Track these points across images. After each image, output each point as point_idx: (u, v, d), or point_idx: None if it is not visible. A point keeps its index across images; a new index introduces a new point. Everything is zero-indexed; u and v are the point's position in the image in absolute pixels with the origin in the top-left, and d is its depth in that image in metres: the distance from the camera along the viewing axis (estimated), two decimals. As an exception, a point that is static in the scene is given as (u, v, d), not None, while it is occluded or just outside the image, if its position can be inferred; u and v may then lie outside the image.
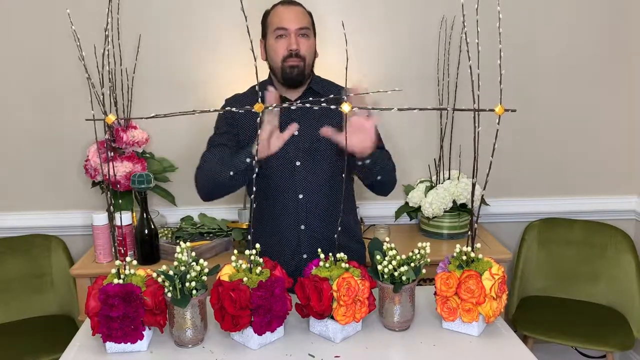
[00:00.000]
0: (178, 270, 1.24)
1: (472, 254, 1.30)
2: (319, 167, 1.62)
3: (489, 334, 1.32)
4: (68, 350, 1.28)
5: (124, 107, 2.18)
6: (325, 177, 1.62)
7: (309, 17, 1.62)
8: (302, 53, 1.56)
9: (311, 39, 1.60)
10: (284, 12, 1.58)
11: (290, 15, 1.56)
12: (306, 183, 1.62)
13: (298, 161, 1.61)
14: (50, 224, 2.33)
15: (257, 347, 1.26)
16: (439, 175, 2.28)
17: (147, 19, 2.20)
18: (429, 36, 2.26)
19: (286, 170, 1.61)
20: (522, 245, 2.42)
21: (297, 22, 1.56)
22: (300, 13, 1.59)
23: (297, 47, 1.55)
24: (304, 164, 1.61)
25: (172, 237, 2.17)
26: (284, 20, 1.56)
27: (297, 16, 1.57)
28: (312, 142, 1.61)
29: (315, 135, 1.59)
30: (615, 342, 2.06)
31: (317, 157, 1.61)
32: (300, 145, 1.61)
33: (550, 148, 2.43)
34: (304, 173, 1.61)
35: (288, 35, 1.55)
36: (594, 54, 2.34)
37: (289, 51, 1.55)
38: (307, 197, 1.62)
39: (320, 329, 1.32)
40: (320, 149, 1.61)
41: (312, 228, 1.63)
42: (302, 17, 1.58)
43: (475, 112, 1.16)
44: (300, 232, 1.64)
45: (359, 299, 1.28)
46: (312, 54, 1.61)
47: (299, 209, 1.63)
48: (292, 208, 1.63)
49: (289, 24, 1.55)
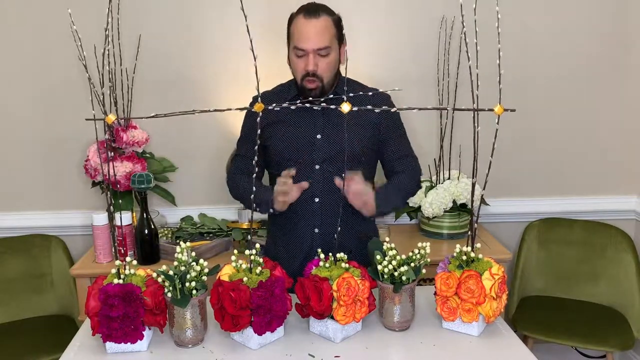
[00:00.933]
0: (178, 270, 1.24)
1: (472, 254, 1.30)
2: (337, 172, 1.59)
3: (489, 334, 1.32)
4: (68, 350, 1.28)
5: (124, 107, 2.18)
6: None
7: (333, 29, 1.53)
8: (319, 73, 1.53)
9: (332, 56, 1.54)
10: (304, 28, 1.50)
11: (309, 34, 1.50)
12: (323, 187, 1.61)
13: (317, 165, 1.61)
14: (50, 224, 2.33)
15: (257, 347, 1.26)
16: (439, 175, 2.28)
17: (147, 19, 2.20)
18: (429, 36, 2.26)
19: (305, 173, 1.60)
20: (522, 245, 2.42)
21: (316, 42, 1.50)
22: (321, 29, 1.50)
23: (314, 69, 1.52)
24: (322, 168, 1.61)
25: (172, 237, 2.17)
26: (303, 39, 1.50)
27: (316, 35, 1.50)
28: (332, 148, 1.60)
29: (335, 141, 1.59)
30: (615, 342, 2.06)
31: (336, 162, 1.60)
32: (322, 149, 1.60)
33: (550, 148, 2.43)
34: (322, 177, 1.61)
35: (306, 54, 1.52)
36: (594, 53, 2.34)
37: (306, 71, 1.53)
38: (323, 201, 1.62)
39: (321, 329, 1.32)
40: (340, 155, 1.59)
41: (326, 232, 1.63)
42: (322, 35, 1.50)
43: (475, 112, 1.17)
44: (314, 236, 1.64)
45: (359, 299, 1.28)
46: (332, 70, 1.56)
47: (314, 212, 1.63)
48: (308, 211, 1.63)
49: (307, 44, 1.50)
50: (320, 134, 1.60)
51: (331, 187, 1.60)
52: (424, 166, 2.35)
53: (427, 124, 2.36)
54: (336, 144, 1.60)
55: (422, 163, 2.35)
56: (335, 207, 1.61)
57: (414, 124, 2.34)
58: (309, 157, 1.61)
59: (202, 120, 2.22)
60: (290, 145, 1.62)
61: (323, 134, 1.60)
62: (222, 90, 2.26)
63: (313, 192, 1.61)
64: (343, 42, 1.60)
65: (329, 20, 1.53)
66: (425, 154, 2.35)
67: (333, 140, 1.60)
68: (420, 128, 2.35)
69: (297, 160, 1.60)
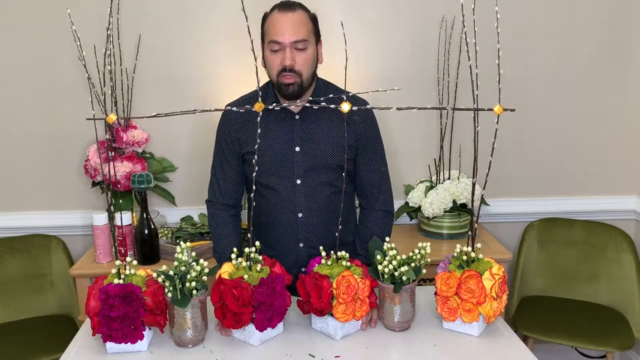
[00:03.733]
0: (178, 270, 1.24)
1: (472, 254, 1.30)
2: (319, 187, 1.57)
3: (489, 334, 1.32)
4: (68, 350, 1.28)
5: (124, 107, 2.18)
6: (325, 196, 1.58)
7: (309, 24, 1.47)
8: (297, 68, 1.44)
9: (309, 51, 1.46)
10: (279, 21, 1.43)
11: (285, 26, 1.42)
12: (306, 202, 1.58)
13: (299, 179, 1.57)
14: (50, 224, 2.33)
15: (258, 343, 1.27)
16: (439, 175, 2.28)
17: (147, 19, 2.20)
18: (429, 36, 2.26)
19: (286, 188, 1.57)
20: (522, 245, 2.42)
21: (292, 34, 1.42)
22: (297, 22, 1.43)
23: (291, 63, 1.43)
24: (304, 183, 1.56)
25: (172, 237, 2.17)
26: (278, 32, 1.43)
27: (293, 27, 1.42)
28: (314, 161, 1.55)
29: (317, 154, 1.55)
30: (615, 342, 2.06)
31: (318, 176, 1.57)
32: (301, 162, 1.55)
33: (550, 148, 2.43)
34: (305, 192, 1.57)
35: (283, 49, 1.43)
36: (594, 53, 2.34)
37: (283, 66, 1.44)
38: (306, 216, 1.59)
39: (322, 326, 1.33)
40: (321, 168, 1.56)
41: (311, 246, 1.60)
42: (299, 28, 1.43)
43: (475, 111, 1.17)
44: (299, 250, 1.62)
45: (359, 297, 1.28)
46: (310, 66, 1.48)
47: (298, 227, 1.60)
48: (292, 226, 1.60)
49: (283, 37, 1.42)
50: (299, 147, 1.55)
51: (314, 202, 1.57)
52: (424, 166, 2.37)
53: (427, 124, 2.36)
54: (315, 156, 1.55)
55: (422, 163, 2.38)
56: (319, 222, 1.59)
57: (413, 124, 2.34)
58: (289, 171, 1.56)
59: (202, 120, 2.22)
60: (270, 159, 1.56)
61: (301, 147, 1.55)
62: (222, 90, 2.26)
63: (295, 207, 1.57)
64: (320, 41, 1.53)
65: (305, 15, 1.47)
66: (425, 154, 2.35)
67: (311, 152, 1.55)
68: (420, 128, 2.35)
69: (278, 174, 1.56)
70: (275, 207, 1.59)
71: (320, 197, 1.58)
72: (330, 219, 1.58)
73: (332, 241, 1.48)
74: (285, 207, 1.58)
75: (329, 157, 1.55)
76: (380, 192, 1.63)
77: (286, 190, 1.57)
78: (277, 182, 1.57)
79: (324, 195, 1.58)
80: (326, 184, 1.58)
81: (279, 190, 1.57)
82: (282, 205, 1.58)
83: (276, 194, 1.57)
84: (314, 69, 1.52)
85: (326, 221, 1.59)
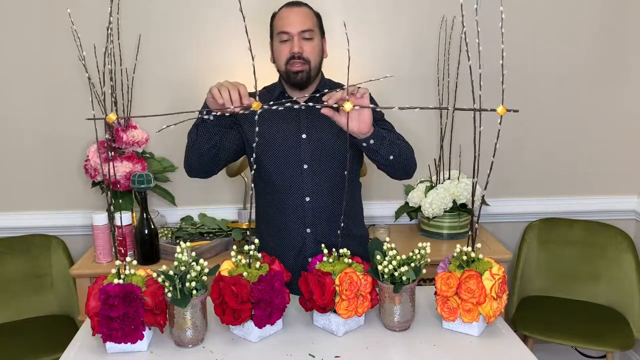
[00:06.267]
0: (178, 270, 1.24)
1: (472, 254, 1.30)
2: (326, 171, 1.61)
3: (489, 334, 1.32)
4: (68, 350, 1.28)
5: (124, 107, 2.18)
6: (333, 180, 1.61)
7: (314, 18, 1.59)
8: (305, 55, 1.55)
9: (315, 41, 1.57)
10: (288, 15, 1.56)
11: (293, 18, 1.54)
12: (313, 186, 1.61)
13: (305, 164, 1.60)
14: (50, 224, 2.33)
15: (257, 339, 1.28)
16: (439, 175, 2.28)
17: (147, 19, 2.20)
18: (429, 36, 2.26)
19: (293, 172, 1.60)
20: (522, 245, 2.42)
21: (300, 25, 1.54)
22: (304, 15, 1.56)
23: (299, 50, 1.53)
24: (311, 167, 1.60)
25: (172, 237, 2.17)
26: (287, 23, 1.54)
27: (300, 19, 1.55)
28: (320, 145, 1.60)
29: (323, 139, 1.60)
30: (615, 342, 2.06)
31: (325, 161, 1.61)
32: (307, 148, 1.60)
33: (550, 148, 2.43)
34: (311, 176, 1.61)
35: (291, 38, 1.54)
36: (594, 54, 2.34)
37: (291, 54, 1.54)
38: (313, 200, 1.61)
39: (324, 323, 1.33)
40: (328, 153, 1.60)
41: (318, 231, 1.63)
42: (306, 19, 1.55)
43: (477, 112, 1.16)
44: (305, 235, 1.63)
45: (361, 293, 1.29)
46: (317, 55, 1.58)
47: (305, 212, 1.62)
48: (299, 211, 1.62)
49: (291, 28, 1.54)
50: (305, 134, 1.61)
51: (321, 187, 1.61)
52: (424, 166, 2.36)
53: (427, 124, 2.36)
54: (321, 143, 1.60)
55: (422, 163, 2.37)
56: (326, 206, 1.62)
57: (413, 124, 2.34)
58: (296, 157, 1.60)
59: (202, 120, 2.21)
60: (277, 146, 1.61)
61: (308, 134, 1.61)
62: (222, 90, 2.26)
63: (303, 191, 1.61)
64: (324, 37, 1.63)
65: (310, 11, 1.60)
66: (425, 154, 2.35)
67: (318, 139, 1.60)
68: (420, 128, 2.35)
69: (284, 159, 1.60)
70: (282, 191, 1.62)
71: (327, 181, 1.61)
72: (337, 205, 1.61)
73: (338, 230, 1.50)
74: (292, 191, 1.61)
75: (334, 145, 1.60)
76: None
77: (293, 174, 1.60)
78: (284, 166, 1.60)
79: (330, 179, 1.61)
80: (333, 169, 1.61)
81: (286, 174, 1.60)
82: (289, 189, 1.61)
83: (283, 177, 1.61)
84: (320, 61, 1.61)
85: (333, 207, 1.62)
